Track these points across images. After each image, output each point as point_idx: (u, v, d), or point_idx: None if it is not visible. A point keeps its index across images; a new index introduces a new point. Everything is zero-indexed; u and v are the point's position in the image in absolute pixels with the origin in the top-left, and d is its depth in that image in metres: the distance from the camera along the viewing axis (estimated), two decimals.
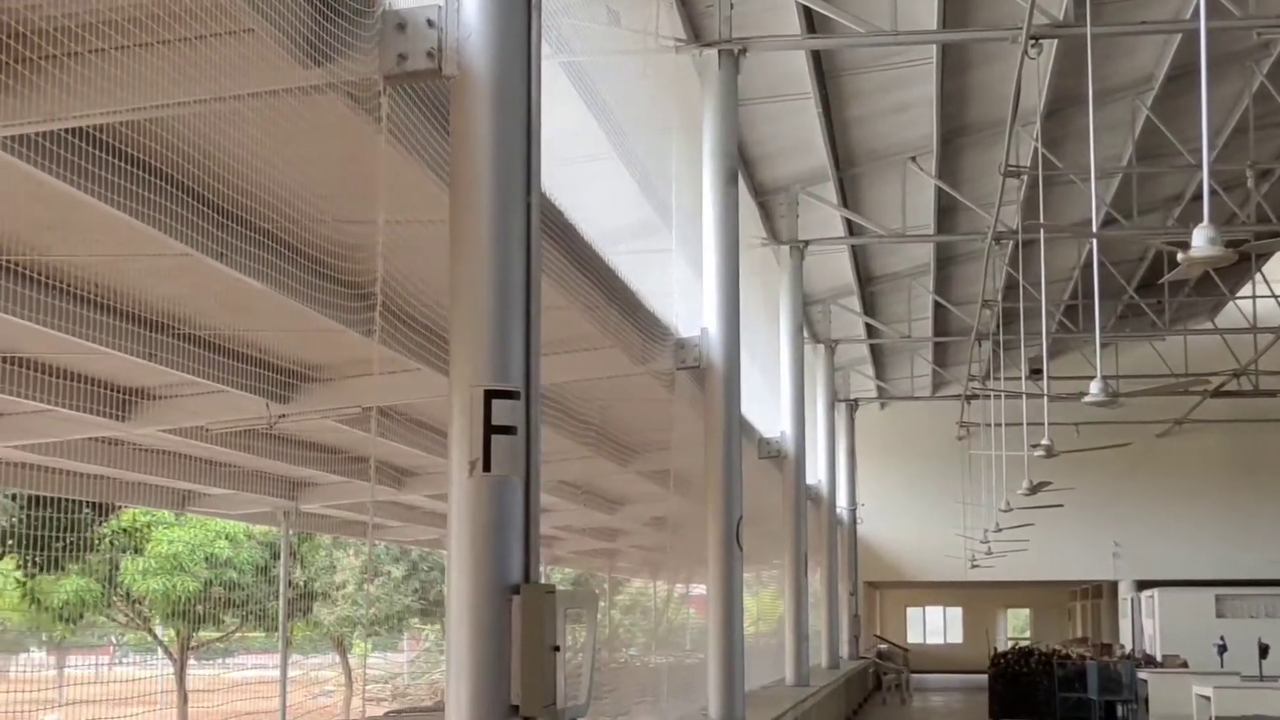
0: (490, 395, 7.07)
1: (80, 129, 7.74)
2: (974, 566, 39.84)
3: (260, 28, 6.63)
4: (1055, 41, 16.67)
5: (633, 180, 17.42)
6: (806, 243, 23.10)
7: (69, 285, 10.77)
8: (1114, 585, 44.99)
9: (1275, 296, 32.27)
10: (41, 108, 7.03)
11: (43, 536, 27.87)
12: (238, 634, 40.31)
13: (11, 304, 10.22)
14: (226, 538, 34.31)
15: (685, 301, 16.11)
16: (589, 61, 15.27)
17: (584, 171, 16.04)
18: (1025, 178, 21.02)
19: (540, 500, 7.42)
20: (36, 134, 7.46)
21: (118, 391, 14.21)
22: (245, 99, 7.40)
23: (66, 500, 23.35)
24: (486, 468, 7.05)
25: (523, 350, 7.28)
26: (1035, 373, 30.87)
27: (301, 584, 38.32)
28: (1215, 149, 23.80)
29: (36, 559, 29.80)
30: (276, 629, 25.99)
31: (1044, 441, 21.94)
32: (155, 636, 38.14)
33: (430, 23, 7.12)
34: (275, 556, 32.09)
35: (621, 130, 16.80)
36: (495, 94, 7.17)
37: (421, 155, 8.00)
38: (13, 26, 6.88)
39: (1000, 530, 34.93)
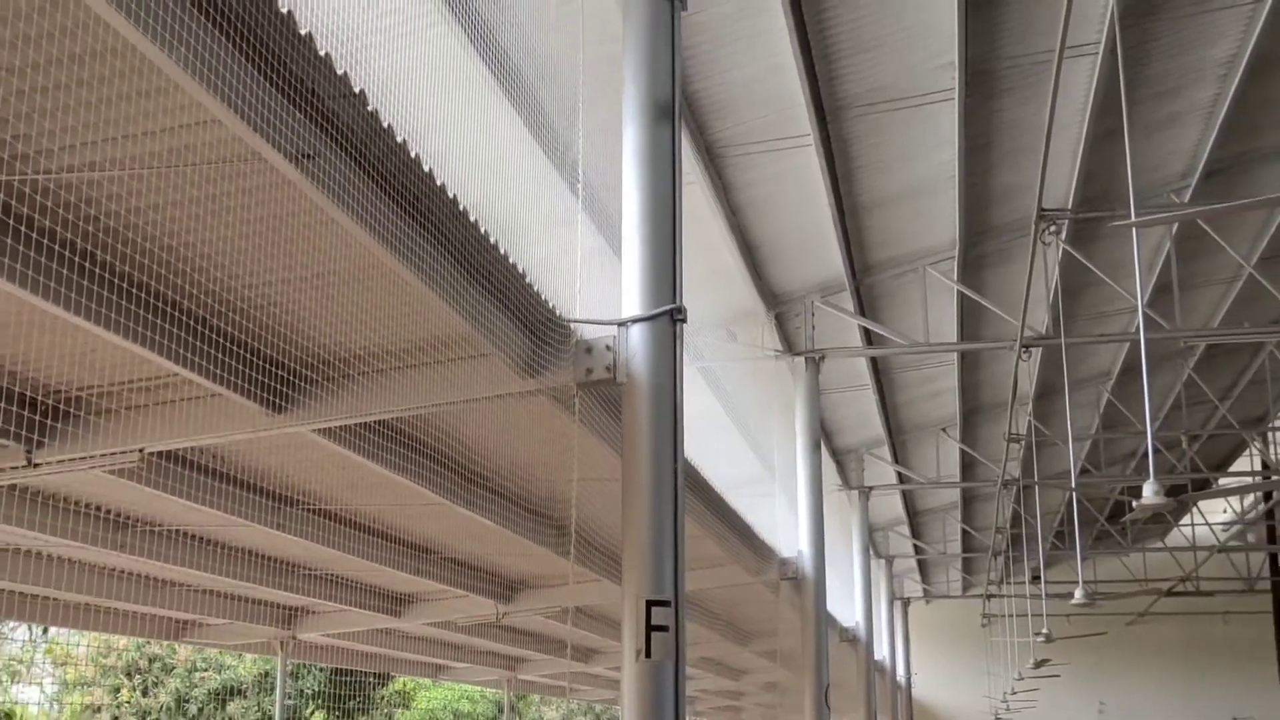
0: (650, 604, 6.93)
1: (369, 423, 7.89)
2: (997, 719, 38.42)
3: (494, 354, 6.76)
4: (1040, 348, 16.55)
5: (747, 446, 17.39)
6: (870, 488, 22.78)
7: (363, 525, 10.90)
8: None
9: (1208, 524, 31.41)
10: (343, 410, 7.17)
11: (341, 696, 27.81)
12: None
13: (327, 540, 10.35)
14: (467, 698, 33.87)
15: (785, 531, 15.91)
16: (716, 366, 15.40)
17: (714, 441, 16.04)
18: (1023, 442, 20.69)
19: (686, 674, 7.25)
20: (338, 426, 7.60)
21: (393, 598, 14.23)
22: (482, 400, 7.49)
23: (357, 671, 23.27)
24: (648, 655, 6.88)
25: (672, 570, 7.14)
26: (1035, 579, 30.01)
27: None
28: (1157, 421, 23.39)
29: (337, 713, 29.66)
30: None
31: (1043, 630, 21.21)
32: None
33: (608, 347, 7.15)
34: (501, 711, 31.55)
35: (739, 412, 16.83)
36: (652, 393, 7.15)
37: (602, 435, 8.02)
38: (322, 355, 7.06)
39: (1015, 693, 33.70)
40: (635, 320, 7.13)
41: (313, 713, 29.40)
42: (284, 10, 4.58)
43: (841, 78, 10.82)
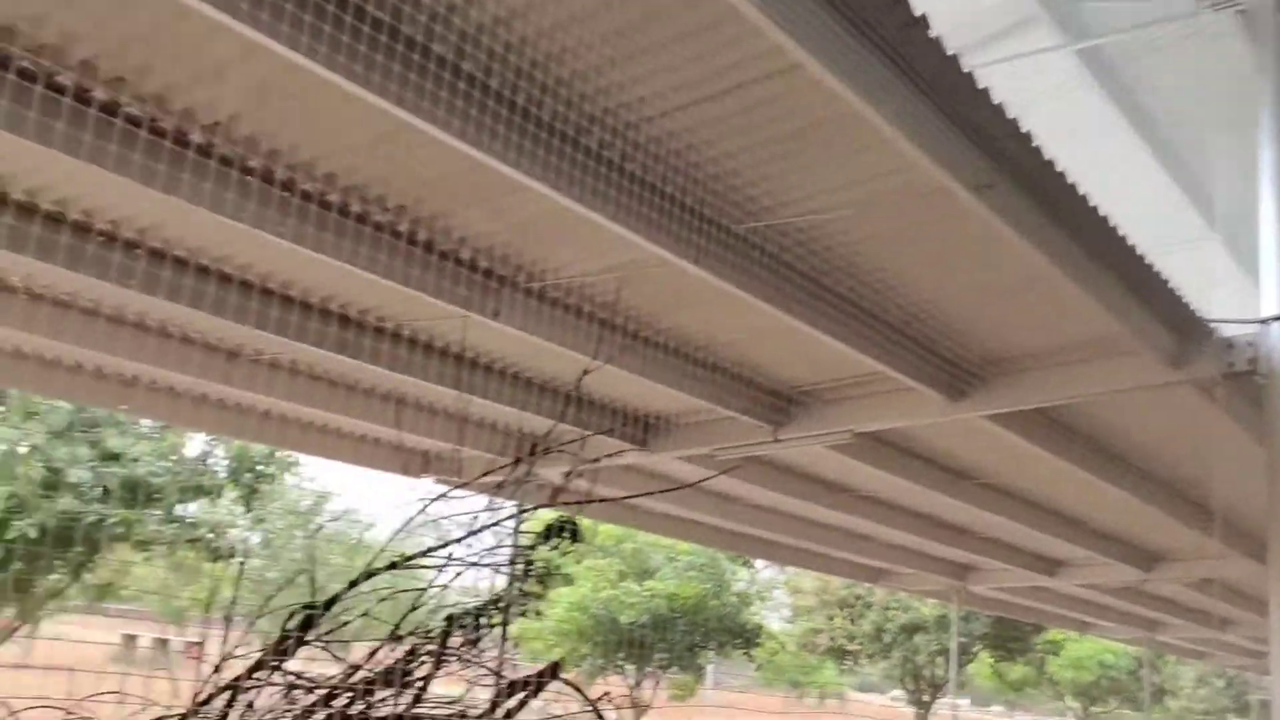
0: None
1: (1026, 410, 7.22)
2: None
3: (1141, 350, 5.93)
4: None
5: None
6: None
7: (1021, 496, 10.14)
8: None
9: None
10: (1009, 399, 6.63)
11: (1003, 638, 26.59)
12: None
13: (992, 508, 9.76)
14: (1110, 651, 30.88)
15: None
16: None
17: None
18: None
19: None
20: (1003, 413, 7.06)
21: (1047, 560, 13.18)
22: (1126, 391, 6.57)
23: (1017, 621, 22.09)
24: None
25: None
26: None
27: (1156, 684, 33.61)
28: None
29: (999, 652, 28.42)
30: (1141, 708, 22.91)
31: None
32: (1066, 705, 34.59)
33: (1249, 343, 6.07)
34: (1140, 665, 28.50)
35: None
36: None
37: (1244, 425, 6.78)
38: (989, 354, 6.59)
39: None
40: (1276, 318, 5.97)
41: (979, 650, 28.40)
42: (966, 71, 4.29)
43: None
